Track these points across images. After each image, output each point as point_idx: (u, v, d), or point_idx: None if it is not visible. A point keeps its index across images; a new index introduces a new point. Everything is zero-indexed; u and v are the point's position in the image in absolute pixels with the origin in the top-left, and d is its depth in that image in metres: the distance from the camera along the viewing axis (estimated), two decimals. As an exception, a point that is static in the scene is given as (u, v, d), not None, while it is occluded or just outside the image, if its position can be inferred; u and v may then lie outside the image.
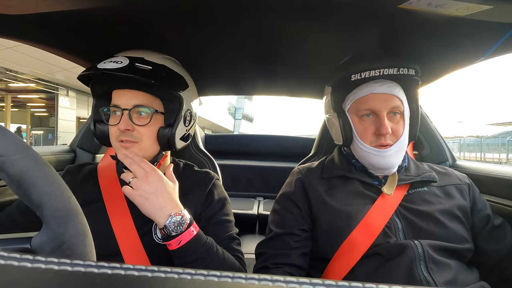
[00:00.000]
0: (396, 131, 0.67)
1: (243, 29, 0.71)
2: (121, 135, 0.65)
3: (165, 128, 0.69)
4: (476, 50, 0.70)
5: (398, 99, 0.67)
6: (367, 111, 0.68)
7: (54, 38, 0.76)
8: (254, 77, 1.14)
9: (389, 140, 0.67)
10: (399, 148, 0.67)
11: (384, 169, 0.69)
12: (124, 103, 0.65)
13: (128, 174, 0.62)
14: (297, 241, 0.69)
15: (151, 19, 0.67)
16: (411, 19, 0.60)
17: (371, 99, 0.67)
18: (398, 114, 0.68)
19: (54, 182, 0.29)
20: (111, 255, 0.62)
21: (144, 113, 0.67)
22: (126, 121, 0.64)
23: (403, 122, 0.68)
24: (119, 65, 0.61)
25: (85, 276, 0.16)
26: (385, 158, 0.67)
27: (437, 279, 0.55)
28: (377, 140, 0.67)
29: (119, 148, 0.66)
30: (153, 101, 0.68)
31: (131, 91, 0.66)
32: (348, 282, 0.16)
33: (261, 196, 1.83)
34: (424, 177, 0.70)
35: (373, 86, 0.67)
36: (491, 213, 0.70)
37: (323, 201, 0.70)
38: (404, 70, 0.64)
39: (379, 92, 0.67)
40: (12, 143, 0.28)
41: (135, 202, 0.59)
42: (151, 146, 0.69)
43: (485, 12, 0.48)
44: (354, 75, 0.66)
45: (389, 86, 0.67)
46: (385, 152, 0.66)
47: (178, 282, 0.16)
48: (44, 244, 0.28)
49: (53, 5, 0.57)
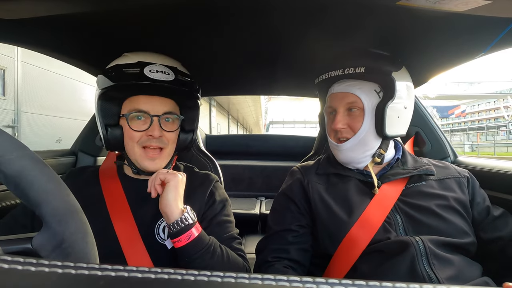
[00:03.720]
0: (352, 126, 0.71)
1: (243, 29, 0.71)
2: (149, 141, 0.67)
3: (186, 133, 0.75)
4: (476, 45, 0.70)
5: (354, 96, 0.70)
6: (330, 108, 0.76)
7: (54, 42, 0.76)
8: (254, 77, 1.14)
9: (346, 134, 0.71)
10: (356, 142, 0.70)
11: (346, 163, 0.74)
12: (154, 109, 0.67)
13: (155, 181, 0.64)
14: (295, 237, 0.70)
15: (150, 20, 0.67)
16: (410, 16, 0.59)
17: (331, 98, 0.75)
18: (356, 110, 0.70)
19: (51, 180, 0.29)
20: (113, 256, 0.62)
21: (171, 119, 0.70)
22: (159, 127, 0.67)
23: (362, 118, 0.70)
24: (170, 78, 0.66)
25: (88, 278, 0.16)
26: (342, 152, 0.72)
27: (440, 275, 0.55)
28: (336, 134, 0.73)
29: (143, 157, 0.68)
30: (176, 108, 0.73)
31: (161, 98, 0.68)
32: (351, 280, 0.16)
33: (263, 195, 1.83)
34: (422, 171, 0.71)
35: (334, 87, 0.75)
36: (490, 204, 0.70)
37: (322, 198, 0.71)
38: (349, 70, 0.69)
39: (336, 91, 0.74)
40: (8, 143, 0.28)
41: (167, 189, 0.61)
42: (173, 150, 0.73)
43: (484, 7, 0.48)
44: (316, 79, 0.78)
45: (348, 85, 0.71)
46: (340, 146, 0.72)
47: (182, 284, 0.16)
48: (45, 243, 0.27)
49: (51, 9, 0.57)
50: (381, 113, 0.68)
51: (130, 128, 0.67)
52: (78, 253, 0.28)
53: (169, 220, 0.60)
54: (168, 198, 0.60)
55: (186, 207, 0.62)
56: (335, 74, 0.71)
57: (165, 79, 0.64)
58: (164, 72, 0.65)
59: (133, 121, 0.67)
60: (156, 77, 0.64)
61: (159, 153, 0.69)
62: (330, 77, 0.72)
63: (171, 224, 0.59)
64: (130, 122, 0.67)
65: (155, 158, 0.68)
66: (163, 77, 0.64)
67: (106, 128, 0.69)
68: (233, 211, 0.79)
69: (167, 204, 0.60)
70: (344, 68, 0.69)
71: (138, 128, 0.67)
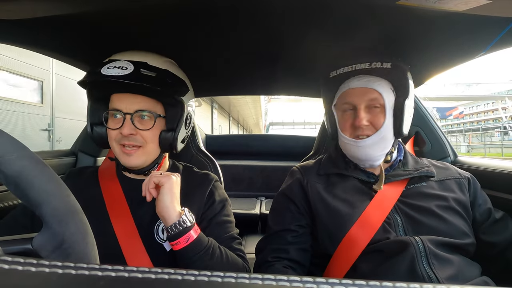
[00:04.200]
0: (375, 123, 0.69)
1: (243, 29, 0.71)
2: (124, 139, 0.66)
3: (168, 132, 0.70)
4: (476, 45, 0.70)
5: (376, 92, 0.69)
6: (347, 104, 0.72)
7: (54, 42, 0.76)
8: (254, 77, 1.14)
9: (367, 131, 0.69)
10: (378, 139, 0.68)
11: (363, 160, 0.71)
12: (126, 107, 0.65)
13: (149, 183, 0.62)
14: (294, 237, 0.70)
15: (149, 20, 0.67)
16: (410, 15, 0.59)
17: (349, 94, 0.71)
18: (377, 107, 0.69)
19: (52, 181, 0.29)
20: (113, 257, 0.62)
21: (147, 117, 0.68)
22: (129, 126, 0.65)
23: (383, 115, 0.69)
24: (125, 72, 0.61)
25: (88, 279, 0.16)
26: (361, 148, 0.69)
27: (439, 274, 0.55)
28: (355, 131, 0.70)
29: (120, 153, 0.67)
30: (155, 105, 0.69)
31: (133, 95, 0.66)
32: (351, 280, 0.16)
33: (263, 195, 1.83)
34: (422, 172, 0.71)
35: (353, 81, 0.71)
36: (491, 206, 0.70)
37: (322, 198, 0.71)
38: (376, 64, 0.67)
39: (356, 86, 0.70)
40: (8, 143, 0.28)
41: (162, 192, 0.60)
42: (153, 149, 0.70)
43: (484, 7, 0.48)
44: (332, 73, 0.72)
45: (368, 80, 0.69)
46: (361, 143, 0.69)
47: (182, 284, 0.16)
48: (45, 243, 0.27)
49: (51, 9, 0.57)
50: (400, 111, 0.70)
51: (107, 127, 0.67)
52: (78, 254, 0.28)
53: (167, 223, 0.59)
54: (164, 200, 0.59)
55: (184, 209, 0.61)
56: (360, 68, 0.68)
57: (116, 74, 0.60)
58: (122, 67, 0.61)
59: (110, 119, 0.68)
60: (108, 72, 0.60)
61: (135, 150, 0.67)
62: (355, 70, 0.68)
63: (169, 227, 0.58)
64: (108, 122, 0.68)
65: (131, 154, 0.66)
66: (116, 72, 0.60)
67: (91, 127, 0.71)
68: (233, 211, 0.79)
69: (164, 207, 0.59)
70: (371, 62, 0.67)
71: (114, 126, 0.66)
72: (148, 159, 0.70)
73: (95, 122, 0.71)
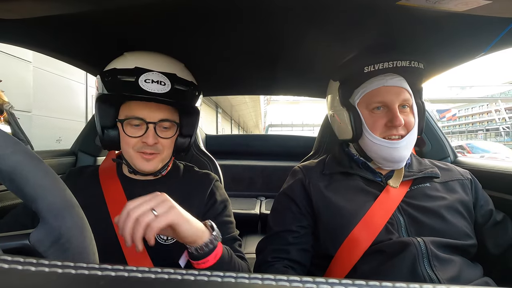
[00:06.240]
0: (408, 123, 0.67)
1: (243, 29, 0.71)
2: (145, 148, 0.66)
3: (184, 138, 0.74)
4: (476, 46, 0.70)
5: (408, 93, 0.68)
6: (379, 103, 0.68)
7: (55, 42, 0.76)
8: (255, 77, 1.14)
9: (402, 131, 0.67)
10: (410, 140, 0.67)
11: (396, 162, 0.68)
12: (149, 116, 0.66)
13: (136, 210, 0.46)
14: (295, 237, 0.70)
15: (150, 20, 0.67)
16: (410, 15, 0.59)
17: (383, 92, 0.67)
18: (407, 107, 0.69)
19: (47, 175, 0.28)
20: (113, 255, 0.62)
21: (168, 126, 0.69)
22: (153, 135, 0.65)
23: (413, 115, 0.69)
24: (165, 89, 0.63)
25: (88, 278, 0.16)
26: (397, 150, 0.66)
27: (440, 276, 0.55)
28: (387, 131, 0.67)
29: (138, 158, 0.67)
30: (174, 114, 0.71)
31: (157, 105, 0.66)
32: (351, 280, 0.16)
33: (263, 195, 1.83)
34: (427, 173, 0.70)
35: (385, 79, 0.67)
36: (493, 208, 0.70)
37: (324, 197, 0.70)
38: (415, 63, 0.66)
39: (391, 85, 0.67)
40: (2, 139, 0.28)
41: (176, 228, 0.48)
42: (169, 154, 0.72)
43: (484, 7, 0.48)
44: (367, 67, 0.66)
45: (399, 79, 0.68)
46: (397, 144, 0.66)
47: (182, 283, 0.16)
48: (43, 238, 0.27)
49: (51, 8, 0.57)
50: (422, 111, 0.71)
51: (125, 134, 0.66)
52: (76, 248, 0.27)
53: (196, 244, 0.51)
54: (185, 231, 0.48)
55: (207, 221, 0.55)
56: (400, 65, 0.65)
57: (160, 91, 0.62)
58: (160, 83, 0.63)
59: (128, 127, 0.67)
60: (150, 88, 0.62)
61: (154, 156, 0.68)
62: (394, 67, 0.65)
63: (198, 247, 0.50)
64: (126, 128, 0.66)
65: (150, 159, 0.67)
66: (157, 88, 0.62)
67: (102, 130, 0.68)
68: (233, 211, 0.78)
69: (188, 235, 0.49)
70: (411, 60, 0.65)
71: (133, 134, 0.66)
72: (163, 164, 0.71)
73: (106, 126, 0.69)
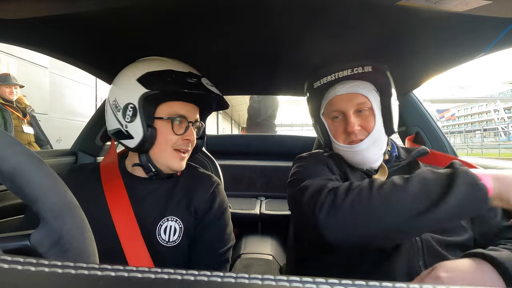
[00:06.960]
0: (366, 126, 0.70)
1: (242, 29, 0.71)
2: (184, 145, 0.70)
3: (200, 139, 0.79)
4: (476, 46, 0.70)
5: (363, 97, 0.70)
6: (336, 112, 0.72)
7: (54, 42, 0.76)
8: (254, 76, 1.14)
9: (360, 136, 0.69)
10: (372, 142, 0.69)
11: (363, 164, 0.72)
12: (190, 115, 0.71)
13: None
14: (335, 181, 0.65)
15: (151, 20, 0.67)
16: (410, 16, 0.59)
17: (336, 101, 0.71)
18: (366, 111, 0.70)
19: (48, 176, 0.28)
20: (114, 254, 0.62)
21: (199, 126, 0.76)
22: (193, 133, 0.72)
23: (373, 117, 0.70)
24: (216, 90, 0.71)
25: (88, 278, 0.16)
26: (358, 153, 0.70)
27: None
28: (348, 137, 0.71)
29: (175, 157, 0.70)
30: None
31: (195, 106, 0.73)
32: (351, 280, 0.16)
33: (263, 195, 1.83)
34: (413, 155, 0.73)
35: (337, 89, 0.71)
36: None
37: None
38: (358, 69, 0.69)
39: (342, 93, 0.71)
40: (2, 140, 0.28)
41: None
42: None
43: (484, 7, 0.48)
44: (316, 83, 0.74)
45: (352, 85, 0.70)
46: (356, 147, 0.69)
47: (181, 283, 0.16)
48: (43, 239, 0.27)
49: (51, 9, 0.57)
50: (388, 111, 0.71)
51: (172, 131, 0.68)
52: (76, 249, 0.27)
53: None
54: None
55: None
56: (343, 75, 0.69)
57: (217, 92, 0.71)
58: (210, 84, 0.71)
59: (174, 125, 0.69)
60: (214, 90, 0.70)
61: (187, 154, 0.73)
62: (338, 78, 0.70)
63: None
64: (174, 126, 0.69)
65: (183, 158, 0.72)
66: (214, 89, 0.71)
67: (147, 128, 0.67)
68: (233, 211, 0.79)
69: None
70: (353, 68, 0.69)
71: (179, 132, 0.69)
72: None
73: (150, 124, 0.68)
